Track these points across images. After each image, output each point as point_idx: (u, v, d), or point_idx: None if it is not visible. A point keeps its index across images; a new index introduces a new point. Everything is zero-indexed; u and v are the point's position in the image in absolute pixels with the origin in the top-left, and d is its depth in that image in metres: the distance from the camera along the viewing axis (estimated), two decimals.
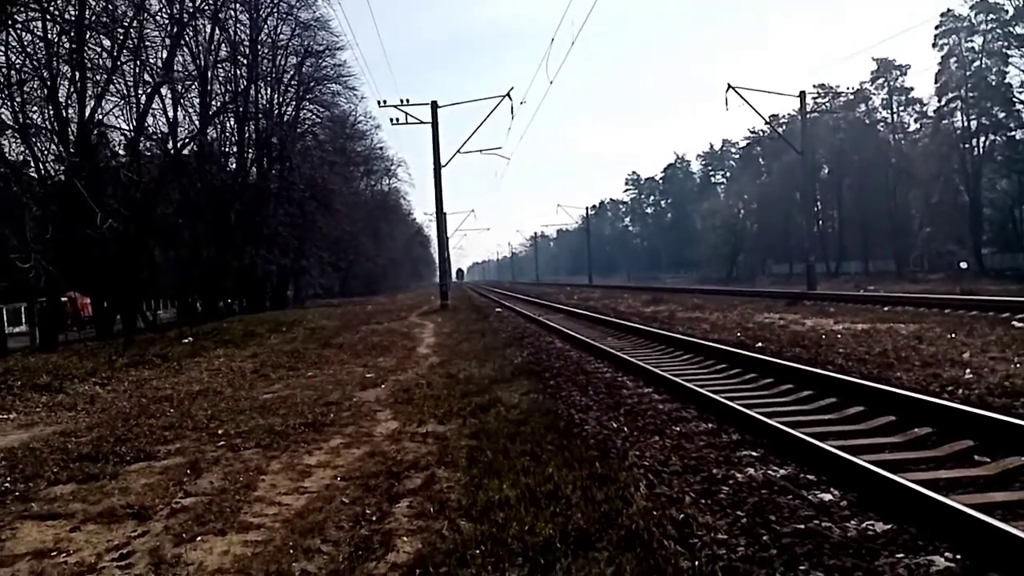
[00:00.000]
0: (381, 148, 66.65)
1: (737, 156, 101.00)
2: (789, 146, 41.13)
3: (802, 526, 4.19)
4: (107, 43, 23.23)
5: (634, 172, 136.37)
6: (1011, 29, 49.75)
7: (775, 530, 4.15)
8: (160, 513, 5.15)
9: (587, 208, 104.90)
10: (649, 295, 36.53)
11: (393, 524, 4.65)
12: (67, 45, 22.41)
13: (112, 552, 4.45)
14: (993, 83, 51.32)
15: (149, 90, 26.86)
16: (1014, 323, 13.78)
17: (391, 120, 35.93)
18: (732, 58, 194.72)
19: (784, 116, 70.19)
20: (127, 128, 27.60)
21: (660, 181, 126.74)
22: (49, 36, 21.83)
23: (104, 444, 7.40)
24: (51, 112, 22.76)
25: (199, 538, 4.58)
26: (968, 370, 8.74)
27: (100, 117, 24.95)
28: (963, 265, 37.04)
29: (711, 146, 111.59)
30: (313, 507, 5.11)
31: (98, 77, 23.68)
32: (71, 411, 10.12)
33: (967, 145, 53.60)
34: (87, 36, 22.17)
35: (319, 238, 42.09)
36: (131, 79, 25.99)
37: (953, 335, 12.26)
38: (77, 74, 23.08)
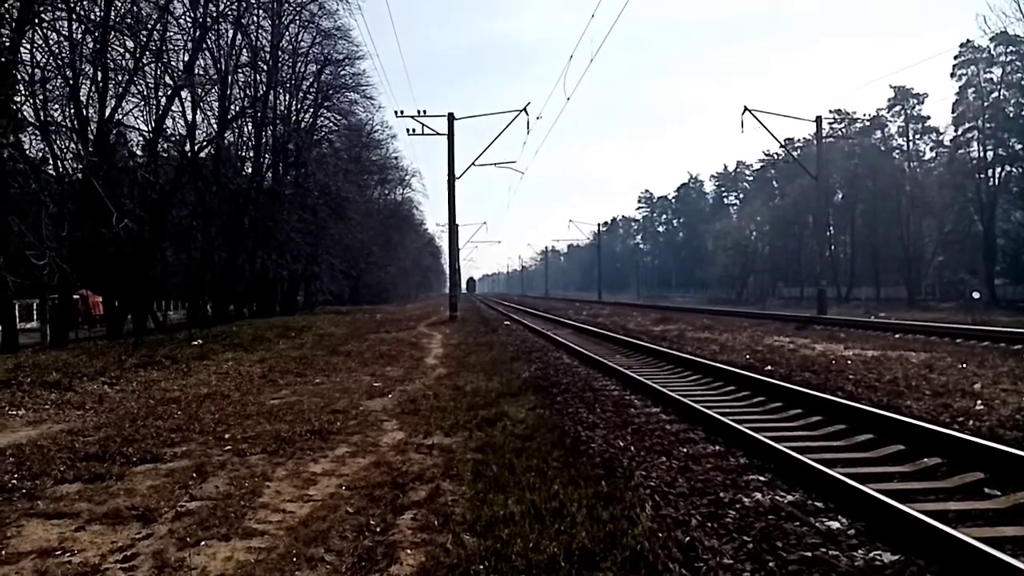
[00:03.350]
0: (396, 157, 66.93)
1: (751, 178, 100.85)
2: (804, 170, 41.07)
3: (809, 554, 4.16)
4: (130, 44, 23.41)
5: (647, 190, 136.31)
6: None
7: (781, 557, 4.12)
8: (165, 516, 5.15)
9: (599, 224, 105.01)
10: (658, 314, 36.47)
11: (397, 536, 4.64)
12: (91, 45, 22.62)
13: (116, 553, 4.45)
14: (1011, 115, 51.09)
15: (169, 92, 27.05)
16: None
17: (407, 130, 36.24)
18: (749, 81, 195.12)
19: (799, 140, 70.13)
20: (146, 129, 27.81)
21: (673, 200, 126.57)
22: (74, 36, 22.04)
23: (111, 444, 7.41)
24: (72, 111, 22.94)
25: (203, 543, 4.58)
26: (979, 401, 8.68)
27: (120, 117, 25.14)
28: (975, 295, 36.82)
29: (725, 167, 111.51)
30: (317, 516, 5.10)
31: (120, 78, 23.89)
32: (79, 410, 10.15)
33: (982, 175, 53.30)
34: (111, 37, 22.38)
35: (331, 245, 42.20)
36: (152, 81, 26.21)
37: (964, 365, 12.18)
38: (99, 74, 23.29)
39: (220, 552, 4.43)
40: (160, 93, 26.89)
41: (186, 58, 27.81)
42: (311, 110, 43.23)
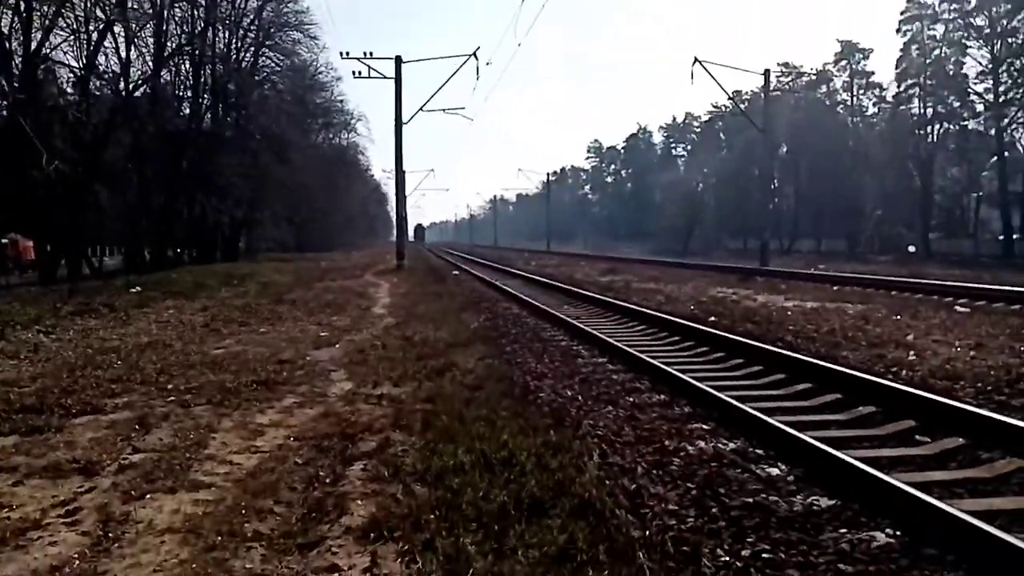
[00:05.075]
0: (341, 101, 65.00)
1: (699, 129, 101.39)
2: (750, 123, 41.50)
3: (750, 500, 4.30)
4: None
5: (596, 140, 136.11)
6: (972, 20, 50.59)
7: (724, 503, 4.26)
8: (108, 469, 5.05)
9: (548, 174, 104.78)
10: (606, 264, 36.80)
11: (347, 487, 4.63)
12: None
13: (58, 508, 4.35)
14: (951, 72, 52.28)
15: (101, 27, 25.73)
16: (957, 307, 14.23)
17: (353, 73, 35.15)
18: (701, 32, 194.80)
19: (747, 93, 70.51)
20: (77, 66, 26.51)
21: (622, 151, 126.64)
22: None
23: (49, 395, 7.19)
24: None
25: (148, 496, 4.50)
26: (912, 352, 9.03)
27: (47, 52, 23.88)
28: (911, 249, 38.13)
29: (674, 118, 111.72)
30: (265, 467, 5.06)
31: (46, 9, 22.58)
32: (14, 360, 9.79)
33: (922, 132, 54.71)
34: None
35: (274, 190, 41.28)
36: (82, 14, 24.83)
37: (899, 317, 12.62)
38: (22, 4, 21.97)
39: (166, 505, 4.37)
40: (91, 27, 25.61)
41: None
42: (252, 49, 41.79)
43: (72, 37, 25.32)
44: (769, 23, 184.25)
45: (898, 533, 3.83)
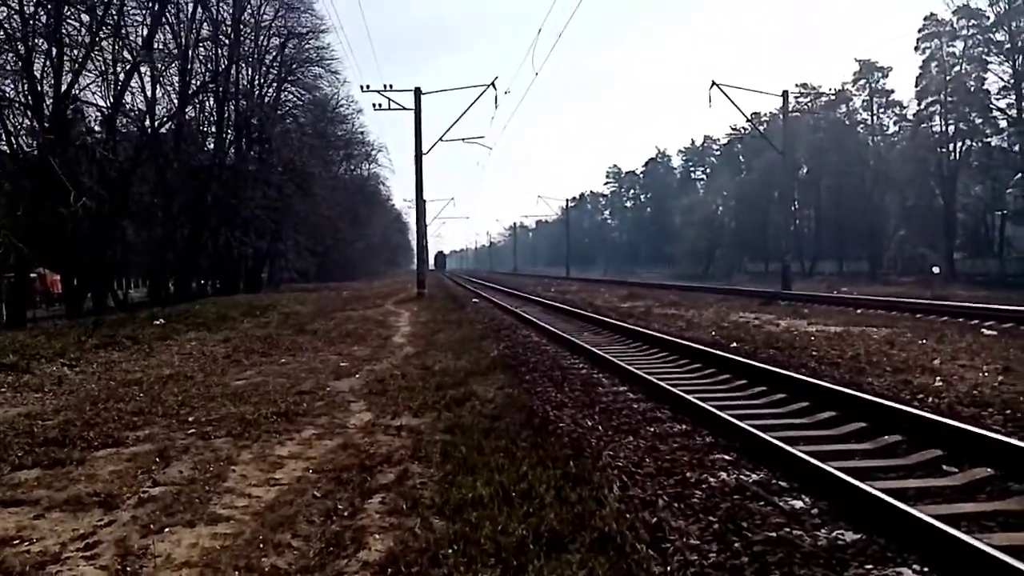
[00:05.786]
0: (362, 132, 65.92)
1: (718, 152, 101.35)
2: (770, 145, 41.41)
3: (773, 534, 4.21)
4: (86, 18, 22.75)
5: (615, 165, 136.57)
6: (991, 36, 50.27)
7: (747, 537, 4.18)
8: (127, 502, 5.07)
9: (567, 200, 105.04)
10: (626, 290, 36.68)
11: (365, 520, 4.61)
12: (44, 19, 21.92)
13: (77, 541, 4.37)
14: (972, 89, 51.85)
15: (128, 67, 26.28)
16: (984, 330, 14.00)
17: (373, 105, 35.76)
18: (718, 55, 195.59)
19: (766, 115, 70.42)
20: (104, 105, 27.02)
21: (640, 175, 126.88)
22: (25, 9, 21.35)
23: (71, 428, 7.27)
24: (26, 86, 22.24)
25: (167, 529, 4.51)
26: (938, 378, 8.87)
27: (76, 93, 24.36)
28: (935, 269, 37.53)
29: (692, 142, 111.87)
30: (284, 500, 5.06)
31: (75, 53, 23.11)
32: (38, 392, 9.93)
33: (944, 149, 54.18)
34: (65, 11, 21.68)
35: (296, 222, 41.72)
36: (110, 56, 25.39)
37: (924, 341, 12.43)
38: (54, 49, 22.56)
39: (185, 539, 4.38)
40: (118, 68, 26.12)
41: (144, 33, 27.02)
42: (274, 84, 42.51)
43: (100, 78, 25.87)
44: (787, 43, 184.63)
45: (926, 569, 3.73)
